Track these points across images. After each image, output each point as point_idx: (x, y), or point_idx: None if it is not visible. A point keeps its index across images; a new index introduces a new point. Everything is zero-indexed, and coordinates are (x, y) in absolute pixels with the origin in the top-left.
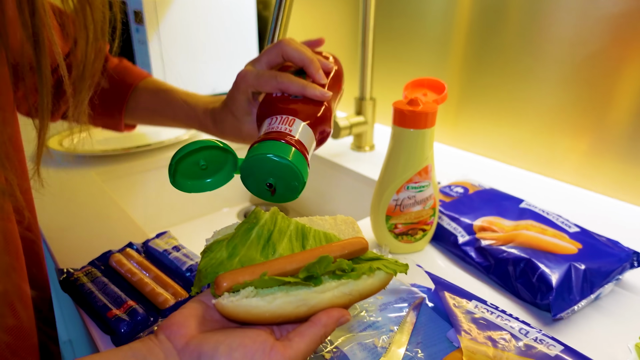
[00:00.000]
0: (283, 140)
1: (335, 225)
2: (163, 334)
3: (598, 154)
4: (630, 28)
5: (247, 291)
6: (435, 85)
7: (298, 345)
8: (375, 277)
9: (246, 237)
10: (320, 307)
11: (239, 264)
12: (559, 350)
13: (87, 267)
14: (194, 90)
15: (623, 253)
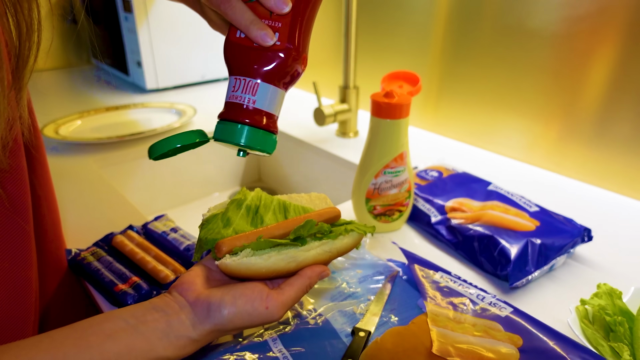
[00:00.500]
0: (241, 122)
1: (310, 200)
2: (175, 291)
3: (566, 139)
4: (596, 21)
5: (246, 252)
6: (411, 78)
7: (289, 293)
8: (349, 237)
9: (237, 211)
10: (306, 263)
11: (234, 232)
12: (509, 312)
13: (92, 248)
14: (184, 78)
15: (575, 229)
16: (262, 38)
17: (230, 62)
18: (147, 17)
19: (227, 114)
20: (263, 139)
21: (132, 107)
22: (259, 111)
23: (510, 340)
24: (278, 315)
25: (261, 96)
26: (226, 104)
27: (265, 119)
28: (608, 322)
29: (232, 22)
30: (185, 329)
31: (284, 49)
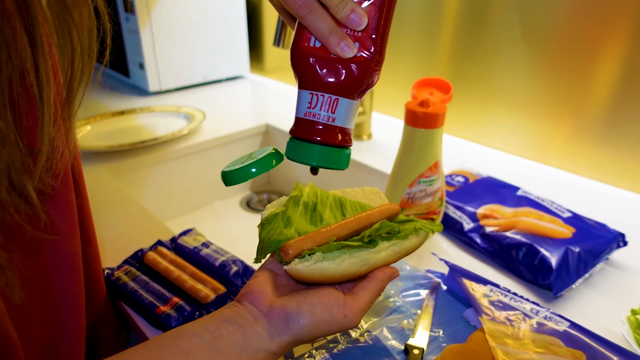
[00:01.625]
0: (320, 142)
1: (364, 195)
2: (246, 300)
3: (578, 138)
4: (605, 20)
5: (317, 256)
6: (441, 85)
7: (364, 297)
8: (418, 236)
9: (295, 208)
10: (377, 265)
11: (296, 232)
12: (566, 326)
13: (125, 267)
14: (186, 80)
15: (610, 235)
16: (343, 50)
17: (303, 75)
18: (149, 17)
19: (303, 132)
20: (338, 157)
21: (138, 112)
22: (338, 128)
23: (572, 357)
24: (356, 322)
25: (340, 113)
26: (300, 121)
27: (342, 135)
28: None
29: (310, 28)
30: (262, 341)
31: (365, 61)
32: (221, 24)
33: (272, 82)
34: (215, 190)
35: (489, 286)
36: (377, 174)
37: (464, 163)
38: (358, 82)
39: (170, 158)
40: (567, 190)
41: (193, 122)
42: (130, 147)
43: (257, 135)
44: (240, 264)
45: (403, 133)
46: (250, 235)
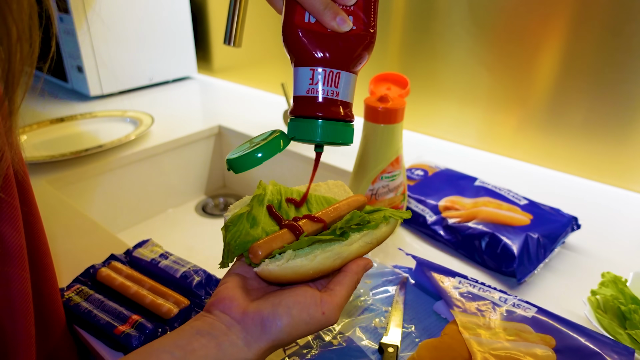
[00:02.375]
0: (327, 117)
1: (328, 189)
2: (216, 309)
3: (526, 127)
4: (544, 14)
5: (288, 254)
6: (398, 79)
7: (341, 292)
8: (389, 225)
9: (260, 208)
10: (350, 257)
11: (263, 232)
12: (534, 312)
13: (76, 286)
14: (130, 82)
15: (565, 219)
16: (339, 24)
17: (302, 51)
18: (86, 17)
19: (307, 110)
20: (344, 131)
21: (79, 118)
22: (340, 102)
23: (543, 341)
24: (335, 319)
25: (343, 86)
26: (302, 99)
27: (345, 109)
28: (623, 311)
29: (305, 5)
30: (239, 350)
31: (361, 34)
32: (165, 23)
33: (221, 82)
34: (169, 197)
35: (458, 278)
36: (338, 172)
37: (421, 156)
38: (358, 54)
39: (118, 166)
40: (519, 178)
41: (141, 127)
42: (73, 156)
43: (209, 138)
44: (203, 273)
45: (363, 129)
46: (209, 242)
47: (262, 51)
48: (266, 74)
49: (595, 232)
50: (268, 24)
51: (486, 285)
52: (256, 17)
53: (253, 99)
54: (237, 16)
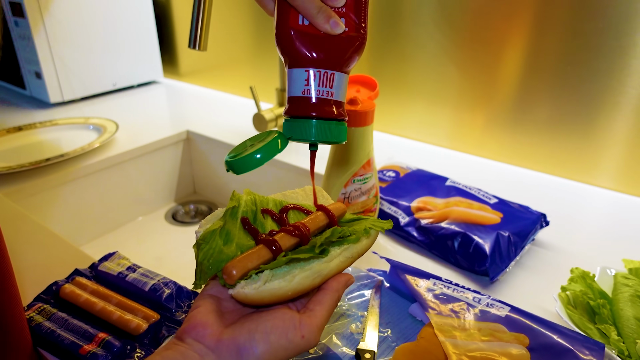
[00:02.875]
0: (323, 117)
1: (306, 196)
2: (189, 337)
3: (493, 126)
4: (508, 15)
5: (265, 275)
6: (367, 81)
7: (321, 313)
8: (370, 237)
9: (234, 221)
10: (331, 274)
11: (237, 249)
12: (508, 311)
13: (37, 304)
14: (92, 88)
15: (534, 216)
16: (332, 27)
17: (297, 53)
18: (42, 20)
19: (302, 110)
20: (338, 130)
21: (38, 127)
22: (334, 102)
23: (517, 340)
24: (315, 342)
25: (337, 86)
26: (296, 100)
27: (338, 108)
28: (592, 306)
29: (299, 9)
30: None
31: (353, 36)
32: (128, 26)
33: (188, 86)
34: (137, 206)
35: (432, 280)
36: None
37: (393, 157)
38: (350, 55)
39: (81, 175)
40: (489, 176)
41: (105, 134)
42: (32, 167)
43: (177, 143)
44: (173, 285)
45: None
46: (180, 251)
47: (229, 54)
48: (234, 77)
49: (563, 228)
50: (234, 26)
51: (460, 286)
52: (222, 19)
53: (221, 103)
54: (202, 18)
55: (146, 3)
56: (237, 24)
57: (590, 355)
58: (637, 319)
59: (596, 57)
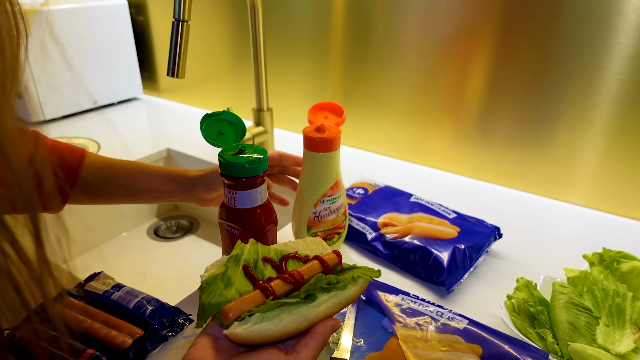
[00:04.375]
0: None
1: (306, 246)
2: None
3: (458, 142)
4: (470, 42)
5: (255, 317)
6: (335, 108)
7: (306, 355)
8: (357, 285)
9: (236, 268)
10: (318, 319)
11: (236, 293)
12: (466, 324)
13: (28, 324)
14: (73, 106)
15: (488, 230)
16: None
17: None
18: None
19: None
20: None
21: None
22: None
23: (471, 350)
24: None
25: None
26: None
27: None
28: (532, 313)
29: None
30: None
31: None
32: (108, 45)
33: (168, 103)
34: (119, 222)
35: (400, 295)
36: (285, 191)
37: (362, 174)
38: None
39: None
40: (451, 189)
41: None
42: None
43: (158, 161)
44: (156, 302)
45: (303, 157)
46: (162, 266)
47: (207, 71)
48: (212, 93)
49: (515, 238)
50: (212, 43)
51: (425, 301)
52: (200, 37)
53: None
54: (179, 49)
55: (125, 22)
56: (215, 42)
57: None
58: (570, 324)
59: (546, 81)
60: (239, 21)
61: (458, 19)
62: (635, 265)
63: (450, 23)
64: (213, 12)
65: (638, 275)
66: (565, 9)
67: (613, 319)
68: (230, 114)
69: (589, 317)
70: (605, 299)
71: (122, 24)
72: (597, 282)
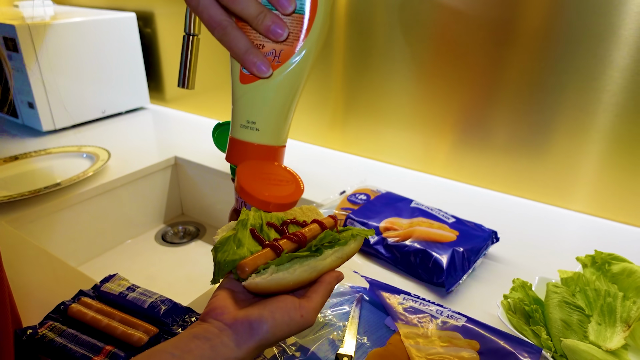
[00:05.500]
0: None
1: (302, 213)
2: (210, 317)
3: (457, 149)
4: (464, 53)
5: (271, 269)
6: None
7: (316, 299)
8: (355, 241)
9: (244, 231)
10: (324, 270)
11: (248, 251)
12: (464, 321)
13: (48, 322)
14: (83, 116)
15: (486, 234)
16: (259, 69)
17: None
18: (35, 55)
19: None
20: None
21: (33, 155)
22: None
23: (469, 346)
24: (312, 321)
25: None
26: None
27: None
28: (527, 311)
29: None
30: (230, 350)
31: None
32: (116, 56)
33: (174, 112)
34: (128, 228)
35: (402, 295)
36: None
37: (365, 180)
38: None
39: (77, 202)
40: (451, 195)
41: (97, 163)
42: (32, 195)
43: (166, 169)
44: (169, 302)
45: None
46: (170, 269)
47: (213, 81)
48: (218, 102)
49: (512, 242)
50: (218, 53)
51: (426, 300)
52: (206, 48)
53: (206, 128)
54: (190, 61)
55: (133, 34)
56: (220, 53)
57: (528, 357)
58: (563, 321)
59: (541, 92)
60: None
61: (456, 32)
62: (625, 266)
63: (448, 36)
64: None
65: (628, 276)
66: (558, 24)
67: (605, 317)
68: None
69: (581, 315)
70: (597, 299)
71: (130, 36)
72: (589, 282)
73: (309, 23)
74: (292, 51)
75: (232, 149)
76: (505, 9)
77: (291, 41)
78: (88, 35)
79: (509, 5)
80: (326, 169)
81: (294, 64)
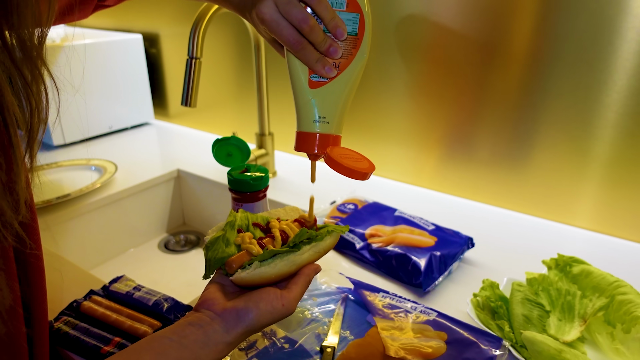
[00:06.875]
0: None
1: (286, 213)
2: (202, 307)
3: (442, 163)
4: (448, 73)
5: (255, 265)
6: None
7: (296, 290)
8: (331, 237)
9: (232, 231)
10: (303, 264)
11: (235, 250)
12: (435, 316)
13: (63, 317)
14: (91, 131)
15: (462, 240)
16: (327, 72)
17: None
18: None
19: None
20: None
21: (45, 168)
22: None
23: (438, 337)
24: (293, 310)
25: None
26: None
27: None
28: (493, 307)
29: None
30: (220, 336)
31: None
32: (123, 75)
33: (177, 127)
34: (133, 237)
35: (382, 293)
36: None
37: (354, 191)
38: None
39: (85, 211)
40: (435, 205)
41: (105, 175)
42: (45, 205)
43: (169, 181)
44: (172, 300)
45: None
46: (172, 276)
47: (215, 98)
48: (219, 119)
49: (487, 247)
50: (219, 74)
51: (402, 298)
52: (208, 68)
53: (207, 143)
54: (192, 82)
55: (140, 54)
56: (222, 73)
57: (489, 345)
58: (524, 316)
59: (519, 111)
60: (243, 55)
61: (444, 54)
62: (584, 268)
63: (437, 57)
64: (221, 47)
65: (586, 277)
66: (541, 47)
67: (565, 313)
68: (237, 138)
69: (541, 311)
70: (558, 297)
71: (136, 56)
72: (552, 283)
73: (359, 42)
74: (348, 63)
75: (304, 140)
76: (492, 33)
77: (346, 55)
78: (97, 55)
79: (495, 29)
80: (319, 180)
81: (350, 73)
